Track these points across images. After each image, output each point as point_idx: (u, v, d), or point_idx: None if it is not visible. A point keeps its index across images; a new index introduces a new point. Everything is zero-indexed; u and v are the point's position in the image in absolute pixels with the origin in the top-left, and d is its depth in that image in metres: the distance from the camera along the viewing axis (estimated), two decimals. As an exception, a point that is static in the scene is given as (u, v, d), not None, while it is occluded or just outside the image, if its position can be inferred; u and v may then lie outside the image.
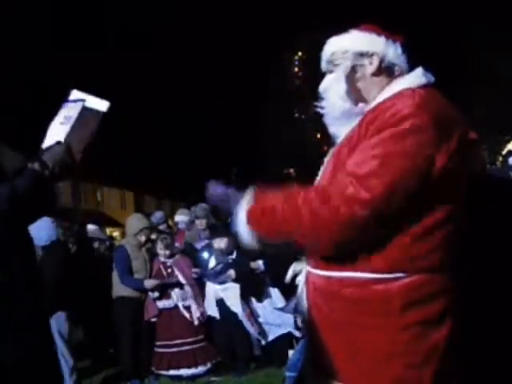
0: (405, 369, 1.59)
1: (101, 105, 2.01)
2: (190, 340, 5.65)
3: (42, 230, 4.84)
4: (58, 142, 1.88)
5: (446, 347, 1.61)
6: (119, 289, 5.72)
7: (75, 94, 2.01)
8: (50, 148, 1.87)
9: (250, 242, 1.74)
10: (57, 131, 1.94)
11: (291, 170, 30.43)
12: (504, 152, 17.40)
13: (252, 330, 5.60)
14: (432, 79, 1.77)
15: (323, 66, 1.89)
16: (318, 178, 1.85)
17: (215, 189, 1.89)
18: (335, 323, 1.68)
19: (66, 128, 1.93)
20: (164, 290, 5.71)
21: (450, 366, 1.64)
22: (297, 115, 29.31)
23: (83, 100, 1.99)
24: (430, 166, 1.55)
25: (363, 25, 1.85)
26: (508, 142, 19.61)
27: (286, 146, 27.70)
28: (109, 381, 5.89)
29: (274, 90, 28.45)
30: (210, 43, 30.25)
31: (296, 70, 30.74)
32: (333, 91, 1.82)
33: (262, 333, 5.69)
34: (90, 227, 7.91)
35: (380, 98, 1.73)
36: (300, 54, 30.25)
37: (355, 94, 1.81)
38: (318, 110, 1.87)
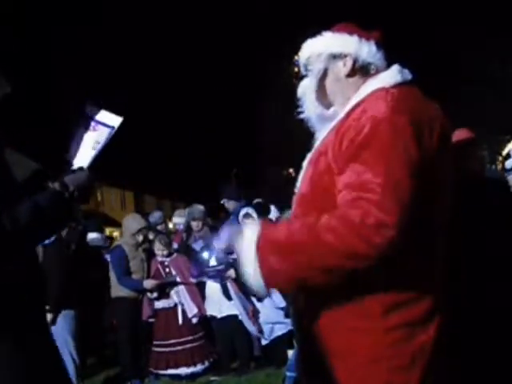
0: (391, 372, 1.55)
1: (115, 121, 2.07)
2: (186, 339, 5.65)
3: None
4: (81, 168, 1.97)
5: (433, 349, 1.57)
6: (117, 289, 5.72)
7: (104, 116, 2.05)
8: (73, 172, 1.95)
9: (257, 281, 1.55)
10: (85, 155, 2.03)
11: (291, 170, 30.39)
12: (504, 152, 17.40)
13: (253, 328, 5.60)
14: (409, 76, 1.71)
15: (301, 70, 1.87)
16: (298, 184, 1.80)
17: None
18: (322, 326, 1.64)
19: (93, 154, 2.03)
20: (162, 290, 5.72)
21: (437, 367, 1.59)
22: (297, 115, 29.23)
23: (113, 127, 2.05)
24: (421, 163, 1.50)
25: (337, 25, 1.81)
26: (508, 141, 19.59)
27: (286, 146, 27.66)
28: (109, 381, 5.89)
29: (274, 90, 28.43)
30: (209, 43, 30.29)
31: (296, 69, 30.74)
32: (307, 96, 1.81)
33: (262, 332, 5.69)
34: (92, 236, 7.15)
35: (353, 101, 1.68)
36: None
37: (330, 98, 1.79)
38: (301, 115, 1.85)
